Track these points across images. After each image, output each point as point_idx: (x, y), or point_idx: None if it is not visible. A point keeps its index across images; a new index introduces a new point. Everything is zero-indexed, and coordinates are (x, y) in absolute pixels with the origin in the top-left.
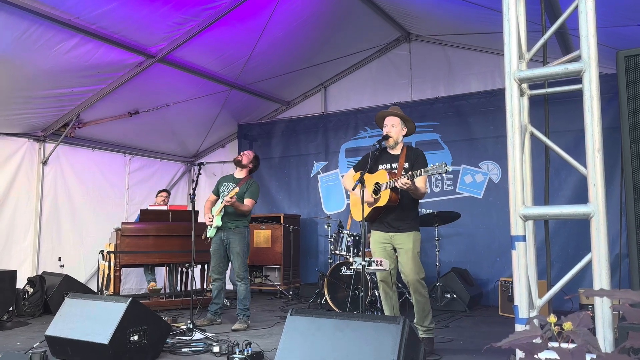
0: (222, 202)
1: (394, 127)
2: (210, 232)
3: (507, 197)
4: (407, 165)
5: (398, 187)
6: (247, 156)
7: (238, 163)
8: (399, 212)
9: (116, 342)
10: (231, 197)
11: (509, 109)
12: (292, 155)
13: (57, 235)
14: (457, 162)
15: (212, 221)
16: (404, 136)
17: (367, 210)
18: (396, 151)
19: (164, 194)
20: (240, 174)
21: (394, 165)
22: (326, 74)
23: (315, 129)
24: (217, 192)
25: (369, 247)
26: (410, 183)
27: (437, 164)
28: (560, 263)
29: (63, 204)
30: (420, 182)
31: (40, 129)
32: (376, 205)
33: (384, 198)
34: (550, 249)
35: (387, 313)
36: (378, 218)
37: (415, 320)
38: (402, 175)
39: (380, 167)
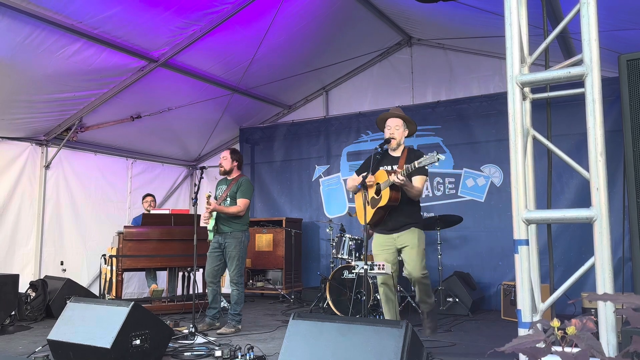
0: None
1: (397, 129)
2: (210, 236)
3: (509, 201)
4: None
5: (393, 181)
6: (226, 160)
7: (224, 173)
8: (400, 212)
9: (118, 346)
10: (210, 204)
11: (511, 112)
12: (294, 159)
13: (60, 239)
14: (459, 165)
15: (207, 220)
16: (406, 137)
17: (372, 211)
18: (397, 153)
19: (149, 198)
20: (230, 175)
21: (395, 167)
22: (328, 78)
23: (317, 133)
24: (216, 198)
25: (372, 251)
26: (403, 179)
27: (429, 154)
28: (562, 267)
29: (65, 208)
30: (417, 182)
31: (42, 133)
32: (379, 205)
33: (384, 197)
34: (553, 252)
35: (388, 317)
36: (382, 221)
37: (417, 299)
38: (398, 171)
39: (381, 168)
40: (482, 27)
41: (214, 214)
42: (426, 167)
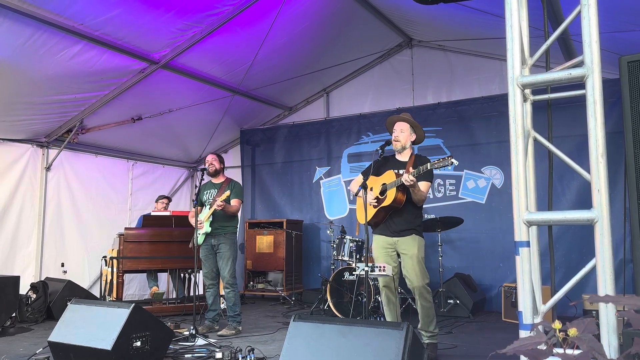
0: (209, 208)
1: (402, 132)
2: (200, 239)
3: (510, 203)
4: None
5: (403, 180)
6: (215, 160)
7: (215, 173)
8: (403, 217)
9: (119, 348)
10: (222, 201)
11: (512, 114)
12: (295, 160)
13: (61, 241)
14: (460, 167)
15: (201, 224)
16: (413, 143)
17: (373, 211)
18: (404, 157)
19: (165, 200)
20: (217, 179)
21: (401, 171)
22: (328, 80)
23: (318, 135)
24: (201, 202)
25: (372, 253)
26: (415, 180)
27: (443, 157)
28: (564, 268)
29: (66, 210)
30: (422, 186)
31: (43, 135)
32: (382, 205)
33: (389, 197)
34: (554, 254)
35: (389, 319)
36: (383, 222)
37: (419, 326)
38: (410, 171)
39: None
40: (483, 29)
41: (210, 218)
42: (433, 172)
